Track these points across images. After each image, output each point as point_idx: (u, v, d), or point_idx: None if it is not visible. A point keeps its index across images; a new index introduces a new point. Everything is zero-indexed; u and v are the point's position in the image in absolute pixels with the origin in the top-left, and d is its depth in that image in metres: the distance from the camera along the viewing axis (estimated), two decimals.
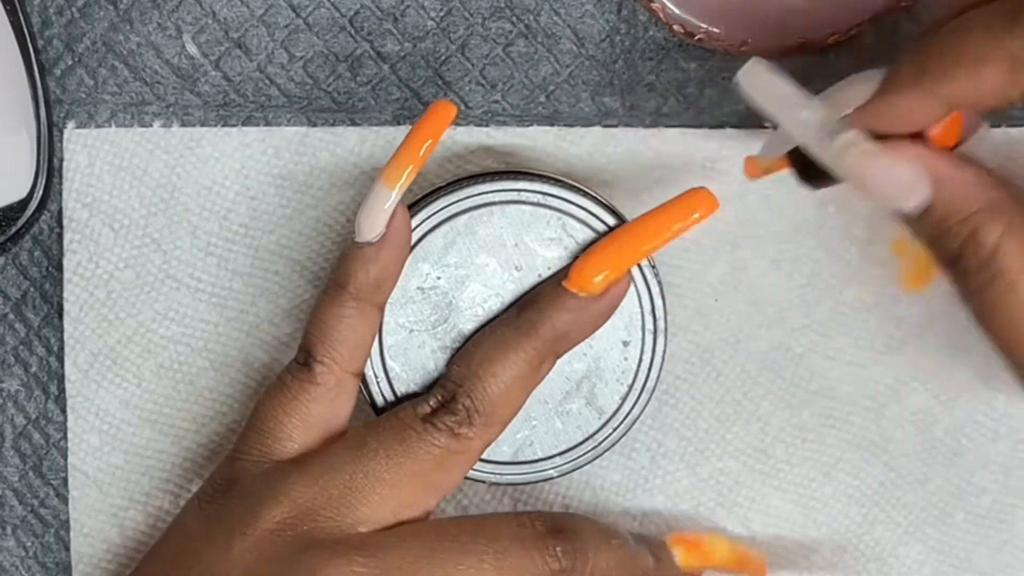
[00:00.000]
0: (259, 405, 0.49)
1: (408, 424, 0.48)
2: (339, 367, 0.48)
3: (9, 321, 0.54)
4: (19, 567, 0.55)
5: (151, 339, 0.54)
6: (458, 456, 0.48)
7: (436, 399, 0.48)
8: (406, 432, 0.47)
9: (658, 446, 0.54)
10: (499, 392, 0.48)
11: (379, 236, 0.47)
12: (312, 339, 0.48)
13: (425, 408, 0.48)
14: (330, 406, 0.48)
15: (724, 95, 0.53)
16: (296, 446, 0.48)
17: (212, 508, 0.48)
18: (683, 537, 0.52)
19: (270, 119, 0.53)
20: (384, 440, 0.47)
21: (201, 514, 0.48)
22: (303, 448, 0.48)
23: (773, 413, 0.54)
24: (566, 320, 0.48)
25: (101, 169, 0.53)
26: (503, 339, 0.48)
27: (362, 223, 0.47)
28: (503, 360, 0.48)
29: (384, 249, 0.48)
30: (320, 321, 0.48)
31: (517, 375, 0.48)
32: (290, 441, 0.48)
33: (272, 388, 0.48)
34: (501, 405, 0.48)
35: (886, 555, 0.55)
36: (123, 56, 0.53)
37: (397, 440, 0.47)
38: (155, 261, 0.53)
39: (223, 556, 0.46)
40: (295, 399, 0.48)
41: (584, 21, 0.53)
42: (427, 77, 0.53)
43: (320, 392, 0.48)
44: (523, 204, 0.49)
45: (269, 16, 0.53)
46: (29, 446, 0.54)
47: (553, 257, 0.49)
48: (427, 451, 0.47)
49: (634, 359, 0.50)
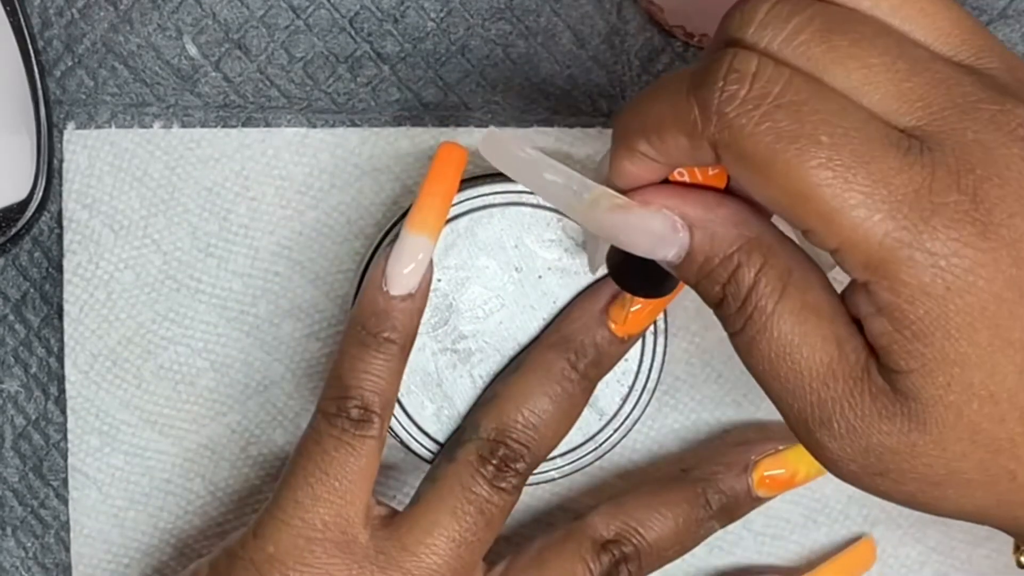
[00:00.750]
0: (323, 467, 0.47)
1: (484, 498, 0.48)
2: (387, 422, 0.48)
3: (9, 322, 0.54)
4: (19, 568, 0.55)
5: (151, 340, 0.54)
6: (513, 502, 0.49)
7: (494, 453, 0.48)
8: (484, 507, 0.48)
9: (658, 447, 0.54)
10: (548, 434, 0.48)
11: (418, 287, 0.47)
12: (369, 395, 0.47)
13: (490, 469, 0.48)
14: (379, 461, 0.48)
15: None
16: (366, 514, 0.48)
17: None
18: (772, 479, 0.51)
19: (270, 120, 0.53)
20: (468, 524, 0.47)
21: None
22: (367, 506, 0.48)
23: (773, 414, 0.54)
24: (614, 360, 0.49)
25: (101, 170, 0.53)
26: (565, 397, 0.48)
27: (399, 275, 0.47)
28: (565, 421, 0.49)
29: (421, 299, 0.47)
30: (377, 377, 0.47)
31: (563, 414, 0.49)
32: (362, 507, 0.47)
33: (333, 447, 0.47)
34: (548, 445, 0.49)
35: (886, 555, 0.55)
36: (123, 57, 0.53)
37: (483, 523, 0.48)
38: (155, 262, 0.53)
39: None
40: (364, 457, 0.47)
41: (584, 22, 0.53)
42: (427, 78, 0.53)
43: (379, 447, 0.47)
44: (523, 206, 0.49)
45: (269, 17, 0.53)
46: (29, 447, 0.54)
47: (553, 258, 0.49)
48: (500, 515, 0.48)
49: (635, 360, 0.50)
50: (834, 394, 0.38)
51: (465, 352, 0.50)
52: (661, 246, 0.40)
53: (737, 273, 0.39)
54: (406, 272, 0.47)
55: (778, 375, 0.39)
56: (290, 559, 0.47)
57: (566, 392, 0.48)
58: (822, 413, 0.39)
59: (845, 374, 0.38)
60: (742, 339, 0.40)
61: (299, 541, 0.47)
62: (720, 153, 0.37)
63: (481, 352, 0.50)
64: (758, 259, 0.39)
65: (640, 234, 0.40)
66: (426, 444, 0.50)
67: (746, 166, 0.37)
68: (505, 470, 0.48)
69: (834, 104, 0.37)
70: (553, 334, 0.49)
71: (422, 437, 0.50)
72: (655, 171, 0.40)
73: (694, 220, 0.40)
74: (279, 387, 0.54)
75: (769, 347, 0.39)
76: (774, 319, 0.39)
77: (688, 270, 0.40)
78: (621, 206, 0.40)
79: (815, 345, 0.38)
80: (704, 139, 0.37)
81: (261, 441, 0.54)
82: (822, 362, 0.38)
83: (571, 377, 0.48)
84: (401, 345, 0.47)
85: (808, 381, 0.39)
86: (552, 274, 0.49)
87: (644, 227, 0.40)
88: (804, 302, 0.39)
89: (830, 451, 0.39)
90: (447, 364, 0.50)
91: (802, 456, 0.50)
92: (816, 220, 0.37)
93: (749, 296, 0.39)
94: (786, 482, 0.51)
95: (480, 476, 0.48)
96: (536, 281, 0.49)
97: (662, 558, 0.50)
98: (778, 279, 0.39)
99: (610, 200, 0.40)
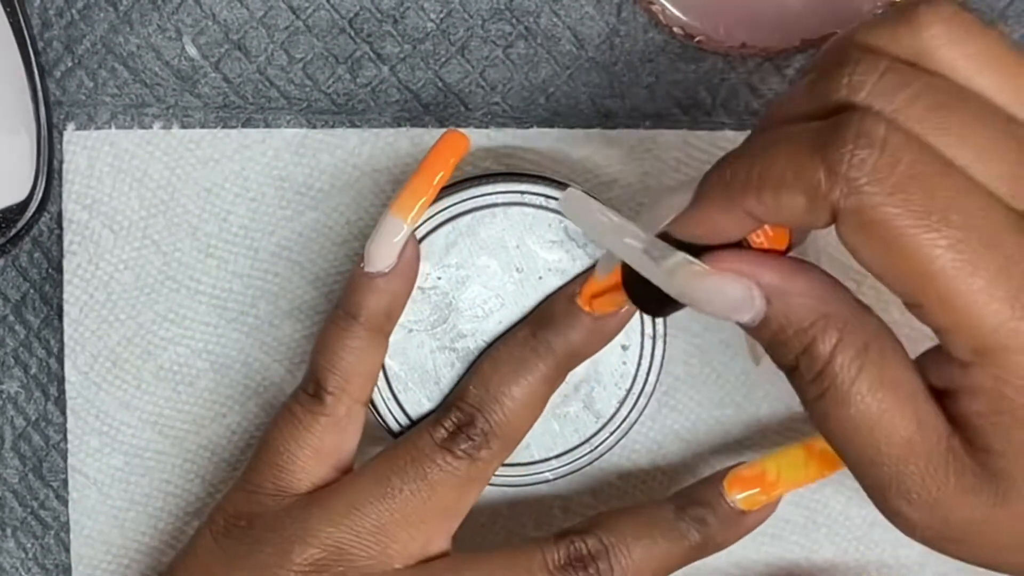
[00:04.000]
0: (269, 436, 0.48)
1: (429, 456, 0.47)
2: (349, 397, 0.48)
3: (9, 323, 0.54)
4: (19, 569, 0.55)
5: (151, 341, 0.54)
6: (477, 480, 0.48)
7: (452, 422, 0.48)
8: (428, 466, 0.47)
9: (658, 448, 0.54)
10: (517, 413, 0.48)
11: (392, 266, 0.47)
12: (322, 369, 0.48)
13: (442, 432, 0.48)
14: (341, 436, 0.48)
15: (723, 97, 0.53)
16: (310, 478, 0.48)
17: (231, 544, 0.48)
18: (739, 476, 0.49)
19: (270, 121, 0.53)
20: (407, 477, 0.47)
21: (218, 549, 0.48)
22: (317, 480, 0.48)
23: (773, 415, 0.54)
24: (581, 338, 0.48)
25: (101, 171, 0.53)
26: (520, 360, 0.48)
27: (373, 254, 0.47)
28: (521, 381, 0.48)
29: (395, 280, 0.48)
30: (330, 351, 0.48)
31: (534, 394, 0.48)
32: (304, 473, 0.48)
33: (282, 419, 0.48)
34: (518, 426, 0.48)
35: (886, 555, 0.55)
36: (123, 58, 0.53)
37: (420, 476, 0.47)
38: (155, 263, 0.53)
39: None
40: (307, 430, 0.48)
41: (584, 23, 0.53)
42: (427, 79, 0.53)
43: (331, 422, 0.48)
44: (525, 206, 0.49)
45: (269, 18, 0.53)
46: (29, 448, 0.54)
47: (554, 260, 0.49)
48: (449, 483, 0.47)
49: (633, 363, 0.50)
50: (914, 469, 0.38)
51: (464, 351, 0.50)
52: (737, 313, 0.40)
53: (812, 347, 0.39)
54: (381, 248, 0.47)
55: (854, 446, 0.39)
56: (231, 507, 0.49)
57: (531, 363, 0.48)
58: (900, 485, 0.39)
59: (927, 451, 0.38)
60: (816, 408, 0.39)
61: (240, 493, 0.49)
62: (840, 219, 0.37)
63: (480, 351, 0.50)
64: (834, 334, 0.39)
65: (717, 300, 0.40)
66: None
67: (867, 236, 0.36)
68: (457, 434, 0.48)
69: (960, 182, 0.36)
70: (531, 314, 0.49)
71: None
72: (745, 228, 0.40)
73: (771, 290, 0.40)
74: (279, 388, 0.54)
75: (845, 420, 0.39)
76: (851, 394, 0.38)
77: (762, 335, 0.40)
78: (699, 274, 0.40)
79: (894, 422, 0.38)
80: (826, 203, 0.36)
81: None
82: (902, 438, 0.38)
83: (537, 349, 0.48)
84: (365, 324, 0.48)
85: (886, 455, 0.39)
86: (553, 275, 0.49)
87: (721, 294, 0.39)
88: (882, 378, 0.38)
89: (908, 519, 0.39)
90: (445, 362, 0.50)
91: (780, 460, 0.49)
92: (932, 299, 0.36)
93: (824, 370, 0.39)
94: (755, 481, 0.49)
95: (428, 435, 0.48)
96: (536, 282, 0.49)
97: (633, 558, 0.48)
98: (855, 355, 0.38)
99: (688, 268, 0.40)
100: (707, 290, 0.40)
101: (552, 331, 0.48)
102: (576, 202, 0.44)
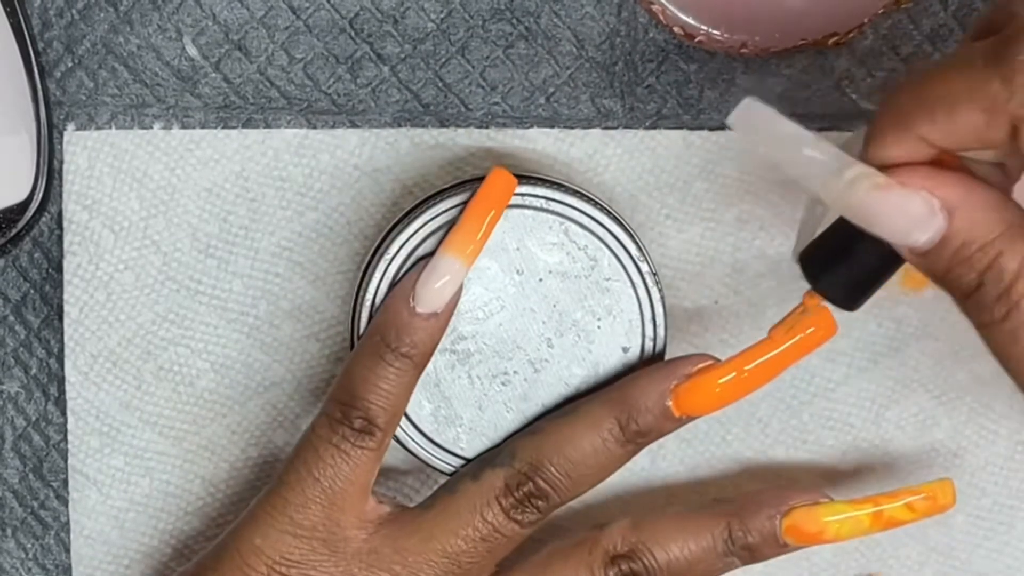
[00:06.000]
0: (314, 473, 0.47)
1: (497, 528, 0.47)
2: (393, 429, 0.48)
3: (9, 323, 0.54)
4: (19, 569, 0.55)
5: (151, 341, 0.54)
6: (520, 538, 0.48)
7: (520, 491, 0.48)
8: (495, 537, 0.47)
9: (658, 448, 0.54)
10: (580, 492, 0.48)
11: (444, 308, 0.47)
12: (373, 406, 0.47)
13: (510, 499, 0.48)
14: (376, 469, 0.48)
15: (724, 97, 0.53)
16: (360, 514, 0.48)
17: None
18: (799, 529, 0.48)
19: (270, 121, 0.53)
20: (471, 540, 0.47)
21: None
22: (363, 515, 0.48)
23: (773, 415, 0.54)
24: (663, 434, 0.48)
25: (101, 171, 0.53)
26: (604, 452, 0.48)
27: (428, 294, 0.47)
28: (597, 474, 0.48)
29: (444, 318, 0.48)
30: (380, 388, 0.47)
31: (602, 479, 0.48)
32: (354, 511, 0.48)
33: (328, 455, 0.47)
34: (572, 498, 0.48)
35: (886, 556, 0.55)
36: (123, 58, 0.53)
37: (486, 547, 0.48)
38: (155, 263, 0.53)
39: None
40: (360, 467, 0.47)
41: (584, 23, 0.53)
42: (427, 79, 0.53)
43: (378, 456, 0.48)
44: (526, 208, 0.49)
45: (269, 18, 0.53)
46: (29, 448, 0.54)
47: (554, 262, 0.49)
48: (511, 542, 0.48)
49: (633, 365, 0.50)
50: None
51: (464, 353, 0.50)
52: (917, 230, 0.39)
53: (999, 260, 0.38)
54: (436, 289, 0.47)
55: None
56: (275, 552, 0.47)
57: (607, 449, 0.48)
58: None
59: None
60: (1001, 329, 0.38)
61: (286, 537, 0.47)
62: (1022, 132, 0.36)
63: (480, 353, 0.50)
64: (1022, 246, 0.38)
65: (897, 216, 0.38)
66: (422, 443, 0.50)
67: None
68: (526, 505, 0.47)
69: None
70: (614, 390, 0.49)
71: (418, 436, 0.50)
72: (920, 156, 0.39)
73: (955, 203, 0.39)
74: (279, 388, 0.54)
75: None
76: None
77: (939, 256, 0.39)
78: (881, 186, 0.39)
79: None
80: (1004, 115, 0.36)
81: (261, 443, 0.54)
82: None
83: (617, 437, 0.48)
84: (417, 363, 0.47)
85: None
86: (553, 277, 0.49)
87: (902, 209, 0.38)
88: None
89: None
90: (446, 364, 0.50)
91: (834, 514, 0.48)
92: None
93: (1014, 284, 0.38)
94: (813, 537, 0.48)
95: (498, 504, 0.48)
96: (537, 284, 0.49)
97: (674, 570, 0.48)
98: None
99: (871, 179, 0.39)
100: (888, 203, 0.38)
101: (639, 430, 0.48)
102: (751, 113, 0.41)
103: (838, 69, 0.53)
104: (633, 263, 0.49)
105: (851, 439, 0.54)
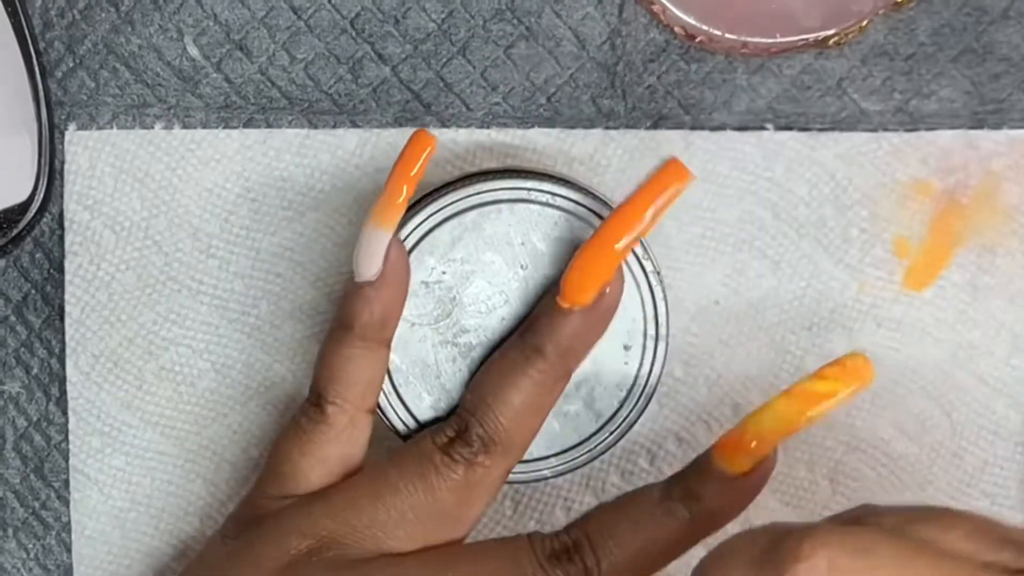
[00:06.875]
0: (275, 447, 0.49)
1: (427, 457, 0.48)
2: (351, 406, 0.48)
3: (10, 323, 0.54)
4: (20, 569, 0.55)
5: (152, 341, 0.54)
6: (478, 487, 0.48)
7: (453, 428, 0.48)
8: (426, 466, 0.47)
9: (658, 448, 0.54)
10: (512, 419, 0.48)
11: (377, 275, 0.48)
12: (322, 381, 0.48)
13: (443, 438, 0.48)
14: (345, 445, 0.48)
15: (725, 97, 0.53)
16: (316, 485, 0.48)
17: (236, 544, 0.48)
18: (724, 442, 0.46)
19: (271, 121, 0.53)
20: (405, 475, 0.47)
21: (225, 549, 0.48)
22: (323, 486, 0.48)
23: None
24: (568, 336, 0.48)
25: (102, 171, 0.53)
26: (511, 365, 0.48)
27: (359, 264, 0.47)
28: (512, 386, 0.48)
29: (384, 287, 0.48)
30: (329, 363, 0.48)
31: (528, 399, 0.48)
32: (307, 481, 0.48)
33: (287, 431, 0.49)
34: (516, 431, 0.48)
35: None
36: (124, 58, 0.53)
37: (418, 475, 0.47)
38: (156, 263, 0.53)
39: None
40: (310, 441, 0.48)
41: (585, 23, 0.53)
42: (428, 79, 0.53)
43: (334, 433, 0.48)
44: (531, 203, 0.49)
45: (270, 18, 0.53)
46: (30, 448, 0.54)
47: (559, 257, 0.49)
48: (447, 486, 0.47)
49: (634, 364, 0.50)
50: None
51: (466, 346, 0.50)
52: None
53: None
54: (363, 259, 0.47)
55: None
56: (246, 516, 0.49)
57: (522, 369, 0.48)
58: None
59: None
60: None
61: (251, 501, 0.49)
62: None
63: (482, 347, 0.50)
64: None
65: None
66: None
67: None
68: (456, 440, 0.48)
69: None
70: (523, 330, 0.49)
71: (417, 428, 0.50)
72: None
73: None
74: (280, 388, 0.54)
75: None
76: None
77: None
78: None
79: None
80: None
81: (262, 443, 0.54)
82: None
83: (526, 353, 0.48)
84: (362, 335, 0.48)
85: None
86: (557, 273, 0.49)
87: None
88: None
89: None
90: (447, 357, 0.50)
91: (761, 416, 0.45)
92: None
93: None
94: (741, 447, 0.46)
95: (430, 439, 0.48)
96: (541, 279, 0.49)
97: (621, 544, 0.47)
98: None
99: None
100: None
101: (537, 334, 0.48)
102: None
103: (838, 69, 0.53)
104: (637, 261, 0.49)
105: (850, 439, 0.54)
